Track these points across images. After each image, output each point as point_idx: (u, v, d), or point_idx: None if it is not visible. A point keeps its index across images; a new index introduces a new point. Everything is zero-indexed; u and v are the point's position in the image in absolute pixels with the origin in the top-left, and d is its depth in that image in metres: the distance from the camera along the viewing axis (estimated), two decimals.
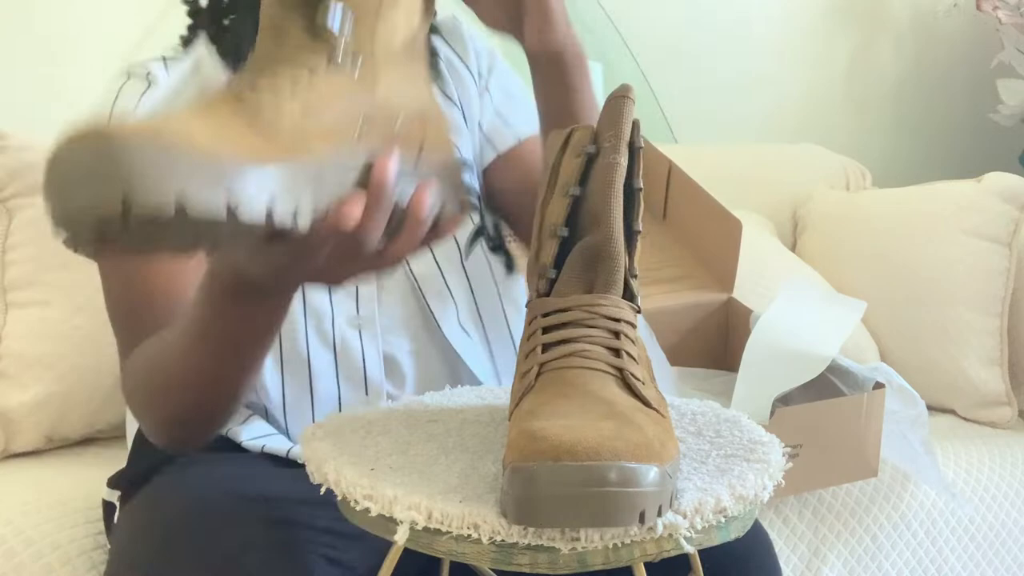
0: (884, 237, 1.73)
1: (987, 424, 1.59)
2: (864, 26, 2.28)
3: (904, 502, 1.32)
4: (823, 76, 2.22)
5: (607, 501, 0.51)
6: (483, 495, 0.57)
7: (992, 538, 1.38)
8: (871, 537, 1.30)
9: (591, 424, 0.53)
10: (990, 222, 1.62)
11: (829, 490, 1.28)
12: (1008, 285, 1.62)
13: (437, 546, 0.55)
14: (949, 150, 2.34)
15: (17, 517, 1.00)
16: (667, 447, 0.55)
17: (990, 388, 1.59)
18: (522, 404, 0.59)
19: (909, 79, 2.33)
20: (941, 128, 2.35)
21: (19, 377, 1.27)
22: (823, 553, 1.27)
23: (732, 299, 1.43)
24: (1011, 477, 1.42)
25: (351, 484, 0.58)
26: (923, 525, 1.33)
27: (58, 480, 1.13)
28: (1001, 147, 2.24)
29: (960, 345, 1.60)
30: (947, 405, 1.63)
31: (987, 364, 1.60)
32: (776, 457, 0.64)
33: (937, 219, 1.68)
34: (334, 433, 0.67)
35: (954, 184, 1.74)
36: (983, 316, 1.61)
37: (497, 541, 0.53)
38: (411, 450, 0.64)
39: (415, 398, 0.78)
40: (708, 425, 0.70)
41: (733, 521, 0.58)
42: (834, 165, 2.01)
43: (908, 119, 2.34)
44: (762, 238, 1.75)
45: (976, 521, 1.37)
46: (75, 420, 1.29)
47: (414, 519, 0.55)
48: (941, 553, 1.34)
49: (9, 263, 1.32)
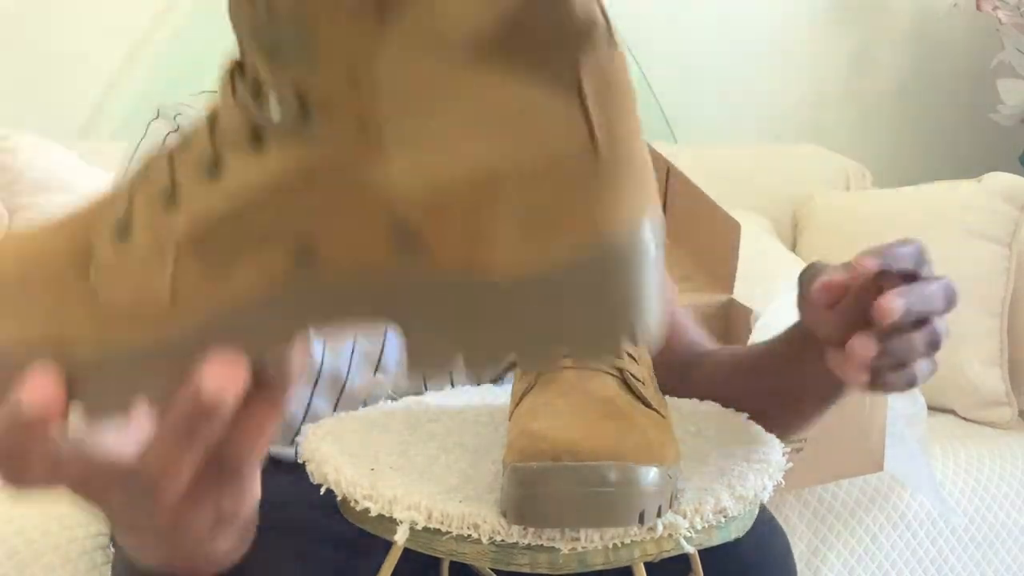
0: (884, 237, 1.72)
1: (987, 424, 1.59)
2: (864, 26, 2.28)
3: (904, 502, 1.32)
4: (823, 76, 2.22)
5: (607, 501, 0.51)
6: (483, 495, 0.57)
7: (992, 538, 1.38)
8: (871, 537, 1.30)
9: (591, 424, 0.53)
10: (990, 222, 1.62)
11: (829, 490, 1.28)
12: (1008, 285, 1.62)
13: (437, 546, 0.55)
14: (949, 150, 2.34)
15: (18, 516, 1.00)
16: (667, 447, 0.55)
17: (990, 388, 1.59)
18: (522, 404, 0.59)
19: (909, 79, 2.33)
20: (941, 128, 2.35)
21: None
22: (823, 553, 1.27)
23: (732, 300, 1.43)
24: (1011, 477, 1.42)
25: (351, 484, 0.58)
26: (923, 525, 1.33)
27: None
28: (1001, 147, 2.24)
29: (960, 345, 1.60)
30: (947, 405, 1.63)
31: (987, 364, 1.60)
32: (776, 457, 0.64)
33: (937, 219, 1.68)
34: (334, 433, 0.67)
35: (954, 184, 1.74)
36: (983, 316, 1.61)
37: (497, 541, 0.53)
38: (411, 450, 0.64)
39: (415, 398, 0.78)
40: (708, 425, 0.70)
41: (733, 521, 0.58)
42: (834, 165, 2.01)
43: (908, 119, 2.34)
44: (762, 238, 1.75)
45: (976, 521, 1.37)
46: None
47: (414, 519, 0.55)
48: (941, 553, 1.34)
49: None
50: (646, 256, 0.35)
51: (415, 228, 0.33)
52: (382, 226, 0.33)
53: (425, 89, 0.32)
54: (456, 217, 0.33)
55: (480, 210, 0.33)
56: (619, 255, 0.34)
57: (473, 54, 0.32)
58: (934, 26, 2.31)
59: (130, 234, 0.35)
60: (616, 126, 0.33)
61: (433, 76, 0.32)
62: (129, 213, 0.35)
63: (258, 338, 0.35)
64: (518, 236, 0.33)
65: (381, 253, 0.34)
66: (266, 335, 0.35)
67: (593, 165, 0.33)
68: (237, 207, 0.34)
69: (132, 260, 0.35)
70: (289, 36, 0.31)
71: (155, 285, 0.34)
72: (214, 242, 0.34)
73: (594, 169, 0.33)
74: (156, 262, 0.34)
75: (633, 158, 0.34)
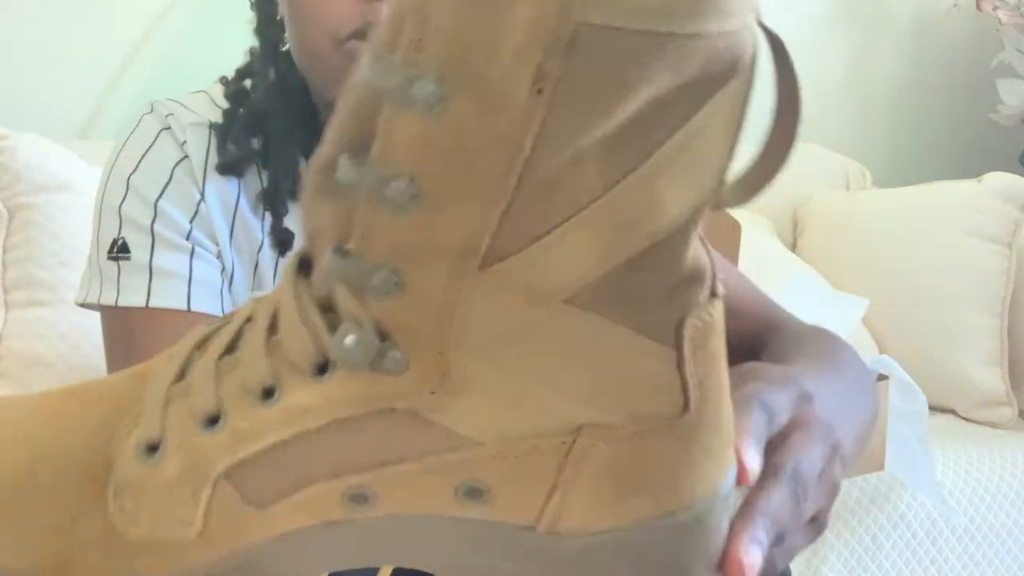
0: (884, 237, 1.73)
1: (987, 424, 1.59)
2: (864, 26, 2.28)
3: (904, 502, 1.32)
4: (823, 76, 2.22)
5: None
6: None
7: (992, 538, 1.38)
8: (871, 537, 1.30)
9: None
10: (990, 222, 1.62)
11: None
12: (1008, 285, 1.62)
13: None
14: (949, 150, 2.34)
15: None
16: None
17: (990, 388, 1.59)
18: None
19: (909, 79, 2.33)
20: (941, 128, 2.35)
21: (19, 377, 1.27)
22: (823, 553, 1.27)
23: None
24: (1011, 477, 1.42)
25: None
26: (923, 525, 1.33)
27: None
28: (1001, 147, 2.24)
29: (960, 345, 1.60)
30: (947, 405, 1.63)
31: (987, 364, 1.60)
32: None
33: (937, 219, 1.68)
34: None
35: (954, 184, 1.74)
36: (983, 316, 1.61)
37: None
38: None
39: None
40: None
41: None
42: (834, 165, 2.01)
43: (908, 119, 2.34)
44: (762, 238, 1.75)
45: (976, 521, 1.37)
46: None
47: None
48: (941, 553, 1.34)
49: (9, 263, 1.32)
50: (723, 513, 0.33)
51: (482, 477, 0.30)
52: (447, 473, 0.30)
53: (515, 336, 0.29)
54: (528, 471, 0.30)
55: (555, 466, 0.30)
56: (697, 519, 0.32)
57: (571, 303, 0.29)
58: (934, 26, 2.31)
59: (160, 453, 0.30)
60: (708, 382, 0.31)
61: (525, 323, 0.29)
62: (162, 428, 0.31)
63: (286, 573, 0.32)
64: (592, 494, 0.31)
65: (444, 499, 0.30)
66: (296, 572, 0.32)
67: (683, 430, 0.31)
68: (290, 436, 0.30)
69: (159, 483, 0.30)
70: (382, 275, 0.28)
71: (183, 514, 0.30)
72: (258, 473, 0.30)
73: (684, 433, 0.31)
74: (187, 490, 0.30)
75: (720, 415, 0.32)
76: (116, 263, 0.74)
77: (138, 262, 0.74)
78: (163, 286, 0.73)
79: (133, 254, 0.74)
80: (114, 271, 0.74)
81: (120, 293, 0.74)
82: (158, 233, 0.74)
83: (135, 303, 0.73)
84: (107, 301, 0.74)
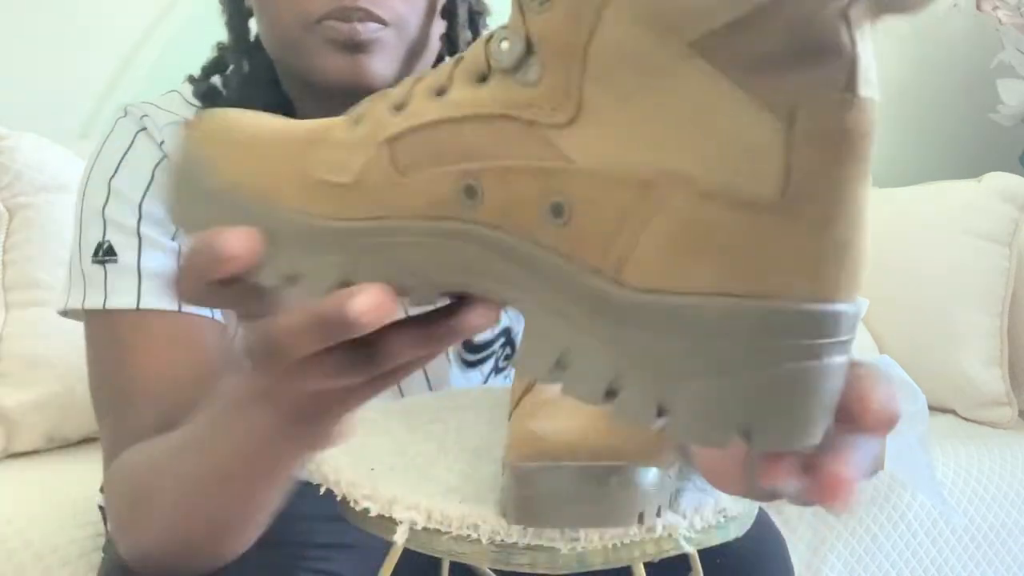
0: (884, 237, 1.73)
1: (987, 424, 1.59)
2: None
3: (904, 502, 1.32)
4: None
5: (606, 501, 0.51)
6: (483, 495, 0.57)
7: (992, 538, 1.38)
8: (871, 537, 1.30)
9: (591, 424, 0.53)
10: (990, 222, 1.62)
11: None
12: (1008, 285, 1.62)
13: (437, 546, 0.55)
14: (949, 150, 2.34)
15: (17, 517, 1.00)
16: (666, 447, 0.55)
17: (990, 388, 1.59)
18: (522, 404, 0.59)
19: (909, 79, 2.33)
20: (941, 128, 2.35)
21: (19, 377, 1.27)
22: (823, 553, 1.27)
23: None
24: (1011, 477, 1.42)
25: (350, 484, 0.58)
26: (923, 525, 1.33)
27: (58, 480, 1.13)
28: (1001, 147, 2.24)
29: (960, 345, 1.60)
30: (947, 405, 1.63)
31: (987, 364, 1.60)
32: None
33: (937, 219, 1.68)
34: None
35: (954, 184, 1.74)
36: (983, 316, 1.61)
37: (497, 541, 0.53)
38: (411, 450, 0.64)
39: (415, 398, 0.78)
40: None
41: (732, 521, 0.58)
42: None
43: (908, 119, 2.34)
44: None
45: (976, 521, 1.37)
46: (75, 420, 1.29)
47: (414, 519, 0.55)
48: (941, 553, 1.34)
49: (8, 263, 1.32)
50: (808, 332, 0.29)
51: (569, 191, 0.33)
52: (541, 188, 0.34)
53: (639, 73, 0.31)
54: (609, 199, 0.32)
55: (634, 203, 0.31)
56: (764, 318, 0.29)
57: (694, 49, 0.29)
58: (934, 26, 2.31)
59: (360, 123, 0.39)
60: (822, 181, 0.29)
61: (652, 64, 0.31)
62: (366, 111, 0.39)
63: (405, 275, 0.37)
64: (657, 247, 0.30)
65: (534, 214, 0.34)
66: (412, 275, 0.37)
67: (772, 212, 0.29)
68: (438, 118, 0.36)
69: (350, 141, 0.39)
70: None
71: (349, 162, 0.38)
72: (408, 144, 0.37)
73: (772, 217, 0.29)
74: (361, 146, 0.38)
75: (831, 225, 0.29)
76: (102, 266, 0.73)
77: (125, 264, 0.73)
78: (152, 287, 0.73)
79: (120, 256, 0.73)
80: (100, 275, 0.73)
81: (108, 296, 0.73)
82: (144, 235, 0.74)
83: (125, 305, 0.72)
84: (94, 305, 0.73)
